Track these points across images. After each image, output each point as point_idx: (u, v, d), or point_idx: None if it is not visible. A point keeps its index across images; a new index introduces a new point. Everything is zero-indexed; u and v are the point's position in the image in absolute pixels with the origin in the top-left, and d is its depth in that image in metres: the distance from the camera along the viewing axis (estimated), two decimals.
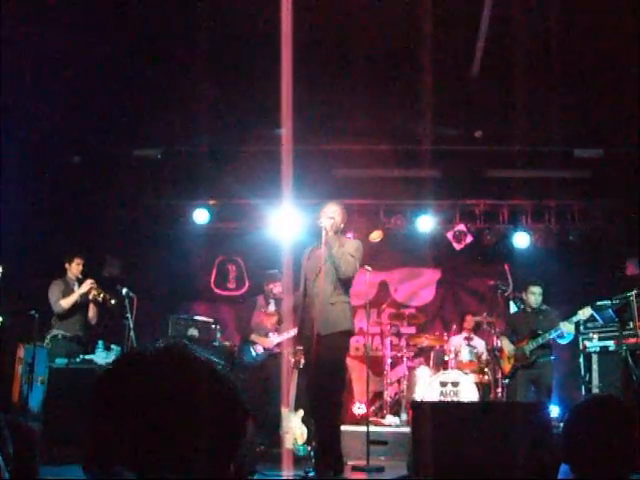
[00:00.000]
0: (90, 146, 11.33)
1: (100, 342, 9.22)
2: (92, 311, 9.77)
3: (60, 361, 8.83)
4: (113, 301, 9.46)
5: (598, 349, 10.14)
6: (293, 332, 8.88)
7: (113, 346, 9.21)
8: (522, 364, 9.79)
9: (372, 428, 8.49)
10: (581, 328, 10.59)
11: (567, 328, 9.60)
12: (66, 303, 9.47)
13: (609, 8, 7.85)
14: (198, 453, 1.42)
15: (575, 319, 9.65)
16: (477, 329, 11.48)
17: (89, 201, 11.93)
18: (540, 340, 9.67)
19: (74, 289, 9.66)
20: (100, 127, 10.62)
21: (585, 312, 9.60)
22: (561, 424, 8.96)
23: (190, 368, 1.49)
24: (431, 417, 6.15)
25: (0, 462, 2.15)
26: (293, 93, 7.82)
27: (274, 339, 10.08)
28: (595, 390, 9.96)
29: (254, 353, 10.13)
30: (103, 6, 8.05)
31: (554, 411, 10.29)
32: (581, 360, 10.50)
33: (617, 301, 9.85)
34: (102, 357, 8.87)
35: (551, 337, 9.67)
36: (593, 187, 11.69)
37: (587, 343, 10.33)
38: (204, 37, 8.20)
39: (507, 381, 10.04)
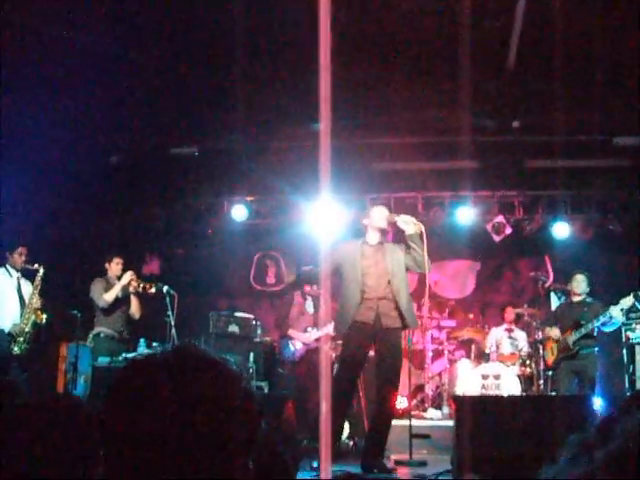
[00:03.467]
0: (127, 146, 11.39)
1: (142, 340, 9.28)
2: (134, 305, 9.83)
3: (103, 359, 8.90)
4: (153, 289, 9.51)
5: None
6: (331, 326, 8.89)
7: (155, 344, 9.27)
8: (565, 355, 9.70)
9: (414, 422, 8.45)
10: (624, 319, 10.48)
11: (616, 313, 9.47)
12: (109, 297, 9.54)
13: None
14: (211, 454, 1.41)
15: (622, 304, 9.51)
16: (518, 321, 11.39)
17: (127, 200, 12.01)
18: (583, 330, 9.55)
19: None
20: (137, 126, 10.67)
21: (627, 301, 9.48)
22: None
23: (199, 369, 1.47)
24: (474, 412, 6.12)
25: None
26: (331, 88, 7.79)
27: (312, 334, 10.09)
28: (639, 382, 9.86)
29: (292, 348, 10.15)
30: (140, 8, 8.07)
31: (597, 403, 10.20)
32: (624, 351, 10.40)
33: None
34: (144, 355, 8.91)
35: (598, 324, 9.52)
36: (633, 175, 11.54)
37: (630, 334, 10.23)
38: (240, 33, 8.19)
39: (551, 373, 9.95)
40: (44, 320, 9.07)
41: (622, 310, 9.55)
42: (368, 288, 7.56)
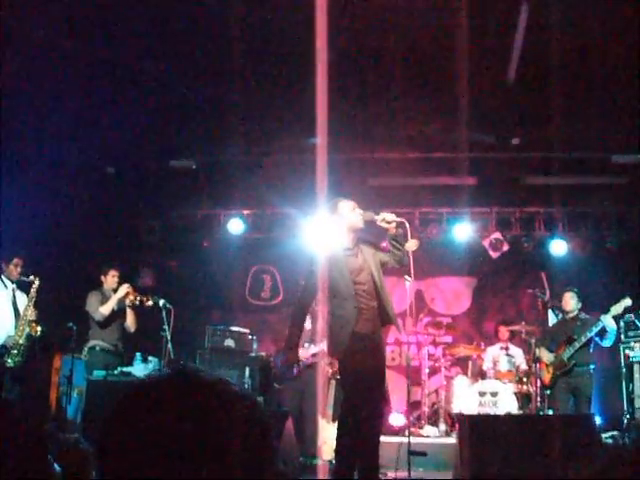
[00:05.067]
0: (125, 157, 11.37)
1: (138, 354, 9.23)
2: (130, 318, 9.79)
3: (98, 373, 8.84)
4: (150, 302, 9.46)
5: None
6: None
7: (151, 358, 9.22)
8: (561, 372, 9.66)
9: (411, 439, 8.39)
10: (622, 337, 10.48)
11: (608, 321, 9.45)
12: (106, 310, 9.51)
13: None
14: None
15: (617, 308, 9.49)
16: (513, 338, 11.34)
17: (124, 212, 11.98)
18: (577, 344, 9.54)
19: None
20: (135, 138, 10.65)
21: (625, 302, 9.48)
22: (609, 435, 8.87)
23: (200, 393, 1.40)
24: (477, 430, 6.07)
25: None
26: (328, 102, 7.77)
27: (309, 350, 10.03)
28: (637, 400, 9.82)
29: None
30: (139, 21, 8.07)
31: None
32: (623, 370, 10.37)
33: None
34: (140, 369, 8.87)
35: (591, 334, 9.51)
36: (631, 193, 11.55)
37: (629, 352, 10.21)
38: (239, 47, 8.19)
39: (548, 392, 9.90)
40: (39, 332, 9.00)
41: (614, 317, 9.55)
42: (361, 300, 6.97)
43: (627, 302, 9.57)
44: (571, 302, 9.90)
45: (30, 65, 8.51)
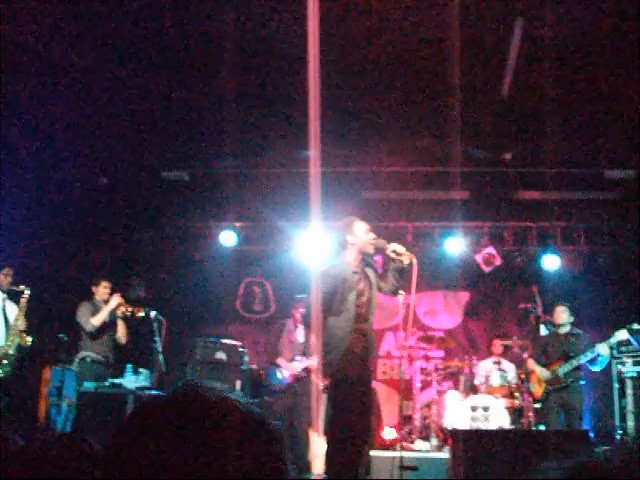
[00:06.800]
0: (118, 168, 11.36)
1: (129, 366, 9.18)
2: (121, 330, 9.78)
3: (89, 385, 8.79)
4: (142, 314, 9.43)
5: (635, 374, 10.02)
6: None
7: (142, 369, 9.17)
8: (555, 387, 9.65)
9: (402, 453, 8.36)
10: (614, 352, 10.48)
11: (603, 350, 9.46)
12: (97, 321, 9.49)
13: None
14: None
15: (613, 341, 9.52)
16: (506, 352, 11.33)
17: (116, 223, 11.96)
18: (575, 362, 9.53)
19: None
20: (129, 149, 10.65)
21: (621, 334, 9.48)
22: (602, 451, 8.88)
23: (212, 408, 1.37)
24: (471, 445, 6.04)
25: None
26: (321, 115, 7.76)
27: (300, 364, 10.01)
28: (630, 416, 9.81)
29: (280, 376, 10.06)
30: (132, 31, 8.07)
31: None
32: (616, 385, 10.37)
33: None
34: (131, 381, 8.82)
35: (586, 360, 9.53)
36: (624, 209, 11.57)
37: (622, 368, 10.21)
38: (232, 60, 8.20)
39: (539, 405, 9.88)
40: (29, 343, 8.96)
41: (610, 347, 9.54)
42: (359, 320, 7.05)
43: (624, 334, 9.52)
44: (563, 315, 9.90)
45: (22, 75, 8.49)
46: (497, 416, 10.02)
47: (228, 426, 1.34)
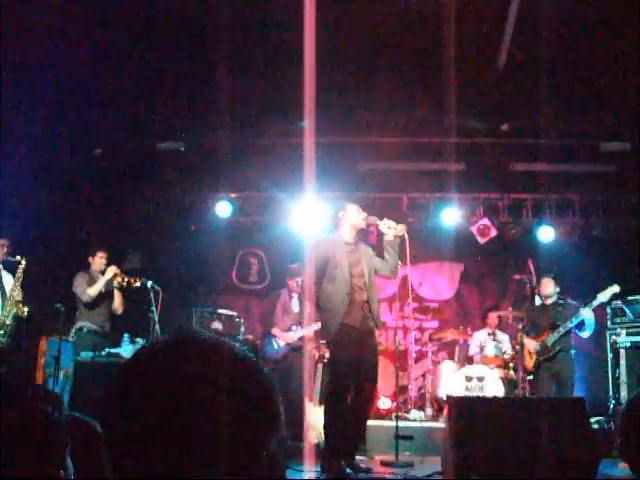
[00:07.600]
0: (113, 139, 11.32)
1: (126, 335, 9.23)
2: (117, 300, 9.80)
3: (86, 354, 8.82)
4: (138, 283, 9.45)
5: (628, 344, 10.08)
6: (316, 326, 8.88)
7: (138, 339, 9.20)
8: (544, 357, 9.73)
9: (398, 423, 8.44)
10: (609, 323, 10.55)
11: (587, 314, 9.54)
12: (93, 291, 9.52)
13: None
14: (225, 443, 1.31)
15: (595, 303, 9.59)
16: (501, 323, 11.38)
17: (112, 194, 11.93)
18: (561, 330, 9.64)
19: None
20: (124, 120, 10.61)
21: (602, 296, 9.56)
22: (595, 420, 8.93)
23: (208, 352, 1.39)
24: (466, 412, 6.09)
25: (69, 464, 2.09)
26: (316, 85, 7.75)
27: (296, 333, 10.05)
28: (623, 386, 9.88)
29: (276, 346, 10.12)
30: (129, 4, 8.04)
31: None
32: (610, 355, 10.44)
33: None
34: (128, 351, 8.86)
35: (572, 325, 9.61)
36: (619, 181, 11.58)
37: (616, 338, 10.27)
38: (227, 31, 8.16)
39: (531, 377, 9.95)
40: (25, 313, 8.97)
41: (593, 310, 9.61)
42: (355, 290, 7.40)
43: (615, 289, 9.64)
44: (549, 287, 10.01)
45: (15, 44, 8.44)
46: (492, 386, 10.10)
47: (223, 366, 1.37)
